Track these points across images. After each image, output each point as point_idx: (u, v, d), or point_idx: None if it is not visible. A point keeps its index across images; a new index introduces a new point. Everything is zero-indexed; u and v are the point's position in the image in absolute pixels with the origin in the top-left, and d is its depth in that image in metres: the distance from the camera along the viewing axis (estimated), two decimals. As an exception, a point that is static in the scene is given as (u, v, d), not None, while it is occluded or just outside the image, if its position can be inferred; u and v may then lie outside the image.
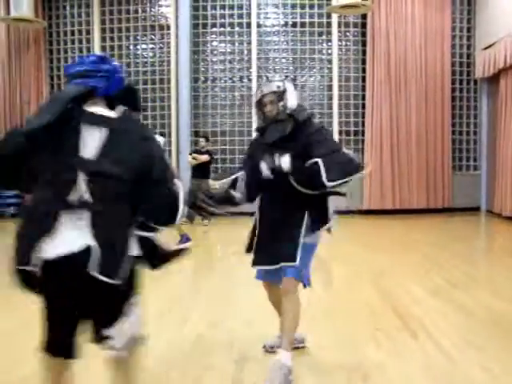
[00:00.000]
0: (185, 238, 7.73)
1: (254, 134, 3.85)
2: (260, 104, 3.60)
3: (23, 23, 12.21)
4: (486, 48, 12.13)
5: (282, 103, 3.49)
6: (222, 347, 4.05)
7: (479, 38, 12.58)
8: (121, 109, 2.45)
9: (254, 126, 12.47)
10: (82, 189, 2.24)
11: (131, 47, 12.84)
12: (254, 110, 3.53)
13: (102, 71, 2.43)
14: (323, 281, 3.64)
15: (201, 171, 10.96)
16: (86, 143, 2.28)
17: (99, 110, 2.40)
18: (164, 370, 3.64)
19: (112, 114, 2.41)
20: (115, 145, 2.33)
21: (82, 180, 2.24)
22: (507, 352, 3.93)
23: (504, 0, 11.29)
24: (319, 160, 3.26)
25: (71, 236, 2.23)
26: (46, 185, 2.29)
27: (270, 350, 3.85)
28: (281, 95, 3.51)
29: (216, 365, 3.72)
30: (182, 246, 2.73)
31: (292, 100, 3.50)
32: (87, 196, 2.24)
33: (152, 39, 12.81)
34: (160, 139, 8.07)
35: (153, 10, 12.78)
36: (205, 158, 10.92)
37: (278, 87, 3.53)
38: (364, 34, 12.46)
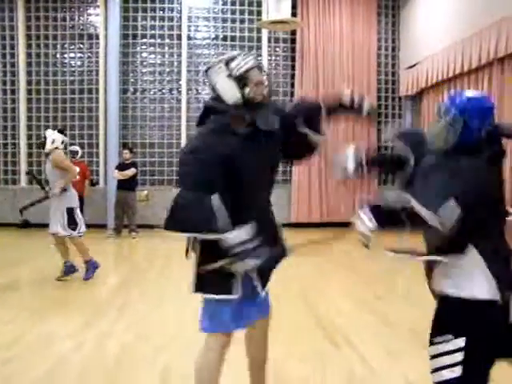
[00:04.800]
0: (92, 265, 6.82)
1: None
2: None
3: None
4: (409, 67, 12.59)
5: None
6: (147, 361, 3.98)
7: (403, 57, 13.05)
8: None
9: (184, 138, 12.56)
10: None
11: (58, 55, 12.52)
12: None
13: None
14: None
15: (127, 183, 10.84)
16: None
17: None
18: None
19: None
20: None
21: None
22: (423, 360, 4.05)
23: (425, 23, 11.77)
24: None
25: None
26: None
27: None
28: None
29: (140, 379, 3.65)
30: None
31: None
32: None
33: (80, 48, 12.54)
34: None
35: (81, 18, 12.52)
36: (131, 172, 10.82)
37: None
38: (293, 50, 12.68)
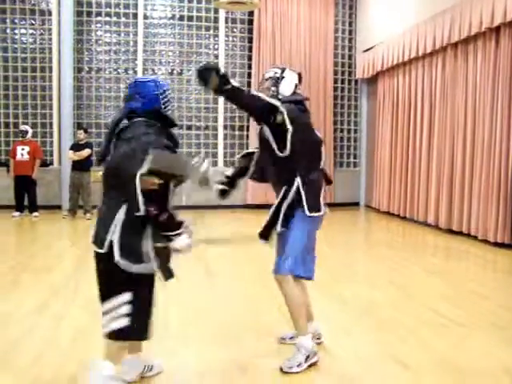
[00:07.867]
0: None
1: None
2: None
3: None
4: (365, 51, 12.71)
5: (273, 89, 3.70)
6: (102, 342, 3.94)
7: (360, 41, 13.16)
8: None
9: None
10: None
11: (8, 31, 12.08)
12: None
13: (139, 94, 3.09)
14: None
15: (82, 164, 10.68)
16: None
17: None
18: (38, 369, 3.50)
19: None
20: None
21: None
22: (378, 339, 4.15)
23: (382, 7, 11.89)
24: None
25: None
26: None
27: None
28: (276, 81, 3.72)
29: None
30: None
31: (284, 88, 3.72)
32: None
33: (32, 24, 12.14)
34: None
35: (32, -8, 12.12)
36: (86, 153, 10.66)
37: (275, 73, 3.76)
38: (251, 31, 12.62)
